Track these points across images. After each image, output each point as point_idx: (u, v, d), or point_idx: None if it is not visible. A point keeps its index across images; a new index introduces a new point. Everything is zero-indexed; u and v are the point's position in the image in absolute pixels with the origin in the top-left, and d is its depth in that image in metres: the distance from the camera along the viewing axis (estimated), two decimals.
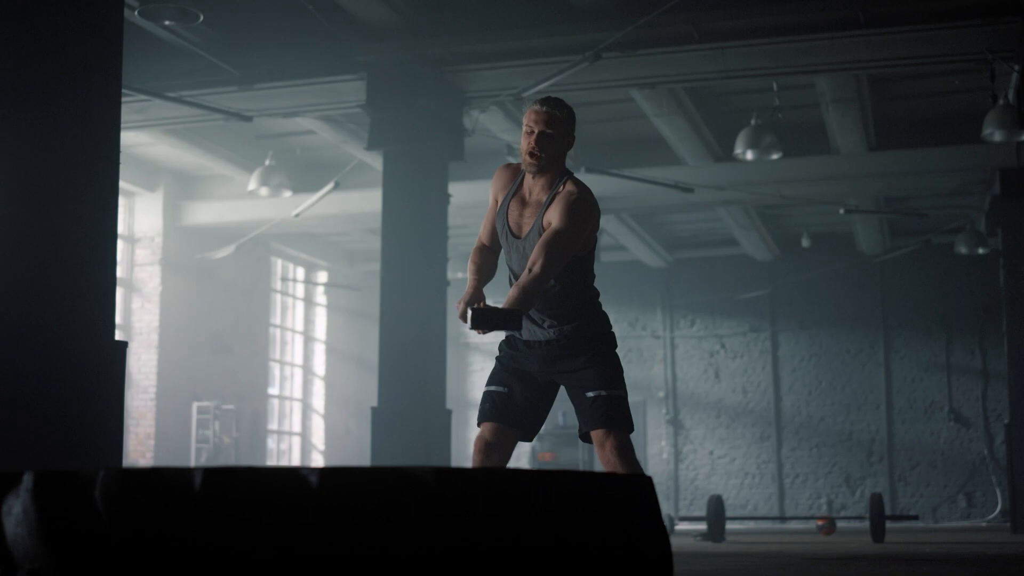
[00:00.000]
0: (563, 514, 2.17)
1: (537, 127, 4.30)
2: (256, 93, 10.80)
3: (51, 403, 5.44)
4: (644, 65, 10.17)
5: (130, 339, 15.11)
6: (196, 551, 2.07)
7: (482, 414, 4.45)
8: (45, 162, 5.70)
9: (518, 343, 4.48)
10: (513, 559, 2.10)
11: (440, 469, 2.10)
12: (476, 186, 13.26)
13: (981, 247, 15.59)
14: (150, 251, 15.26)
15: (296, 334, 18.65)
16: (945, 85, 12.17)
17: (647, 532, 2.45)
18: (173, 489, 2.14)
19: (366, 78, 10.53)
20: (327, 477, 2.12)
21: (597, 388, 4.30)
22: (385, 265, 10.70)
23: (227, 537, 2.07)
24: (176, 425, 15.19)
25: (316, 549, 2.06)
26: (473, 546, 2.05)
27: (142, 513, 2.13)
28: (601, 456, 4.27)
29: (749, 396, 19.06)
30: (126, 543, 2.13)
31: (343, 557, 2.06)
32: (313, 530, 2.07)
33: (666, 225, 17.90)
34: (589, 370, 4.33)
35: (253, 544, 2.07)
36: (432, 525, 2.06)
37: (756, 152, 11.81)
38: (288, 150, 14.04)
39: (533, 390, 4.44)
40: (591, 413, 4.29)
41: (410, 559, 2.03)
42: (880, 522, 10.40)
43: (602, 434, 4.27)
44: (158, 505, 2.13)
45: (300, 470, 2.16)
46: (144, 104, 11.13)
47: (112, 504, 2.14)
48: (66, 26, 5.79)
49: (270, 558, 2.06)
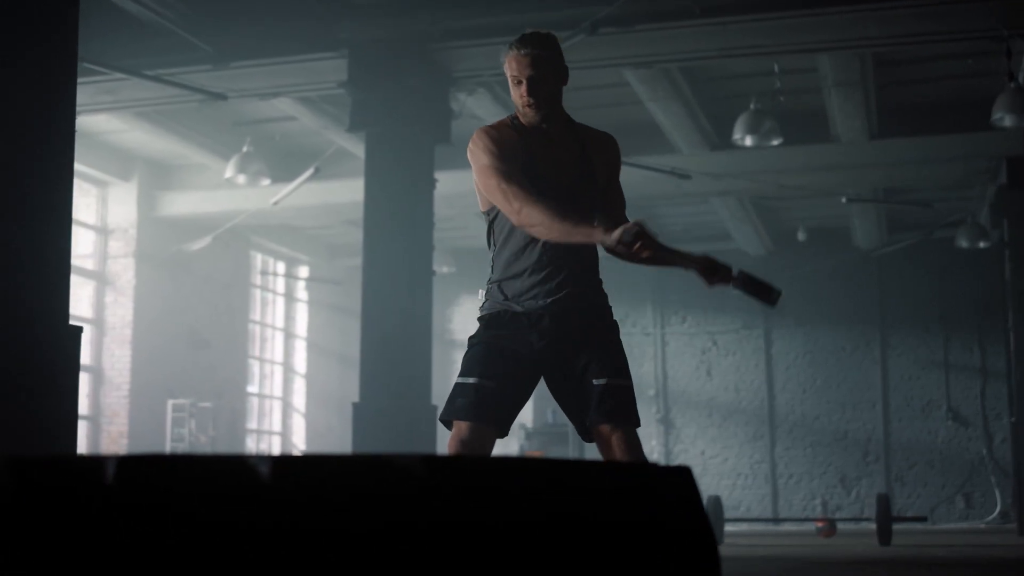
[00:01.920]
0: (597, 514, 1.66)
1: (524, 75, 3.81)
2: (231, 72, 10.27)
3: (1, 390, 5.08)
4: (640, 42, 9.66)
5: (103, 334, 14.63)
6: (100, 551, 1.57)
7: (458, 410, 3.78)
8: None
9: (508, 318, 3.85)
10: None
11: (430, 458, 1.59)
12: (463, 175, 12.74)
13: (983, 241, 15.13)
14: (124, 243, 14.77)
15: (276, 330, 18.20)
16: (952, 69, 11.72)
17: (693, 534, 1.96)
18: (81, 480, 1.65)
19: (347, 56, 10.01)
20: (283, 466, 1.61)
21: (604, 375, 3.75)
22: (367, 253, 10.17)
23: (142, 537, 1.56)
24: (150, 423, 14.70)
25: (264, 556, 1.55)
26: (484, 556, 1.55)
27: (40, 506, 1.64)
28: (606, 454, 3.73)
29: (742, 394, 18.60)
30: (21, 540, 1.64)
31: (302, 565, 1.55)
32: (262, 535, 1.56)
33: (657, 219, 17.42)
34: (596, 352, 3.78)
35: (180, 544, 1.57)
36: (424, 526, 1.55)
37: (755, 138, 11.33)
38: (267, 137, 13.51)
39: (521, 378, 3.82)
40: (597, 405, 3.73)
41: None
42: (887, 524, 9.92)
43: (609, 429, 3.72)
44: (61, 498, 1.64)
45: (248, 458, 1.65)
46: (114, 84, 10.61)
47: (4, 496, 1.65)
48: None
49: (195, 563, 1.55)
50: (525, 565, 1.59)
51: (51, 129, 5.60)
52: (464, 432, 3.77)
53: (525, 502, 1.58)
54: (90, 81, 10.39)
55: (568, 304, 3.83)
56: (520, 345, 3.81)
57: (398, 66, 9.94)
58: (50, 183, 5.59)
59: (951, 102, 12.49)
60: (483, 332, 3.89)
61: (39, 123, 5.52)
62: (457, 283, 18.50)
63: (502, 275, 3.90)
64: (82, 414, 14.41)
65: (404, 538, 1.59)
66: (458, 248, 18.19)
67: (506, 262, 3.90)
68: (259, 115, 12.97)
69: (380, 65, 9.96)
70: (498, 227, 3.93)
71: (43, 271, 5.43)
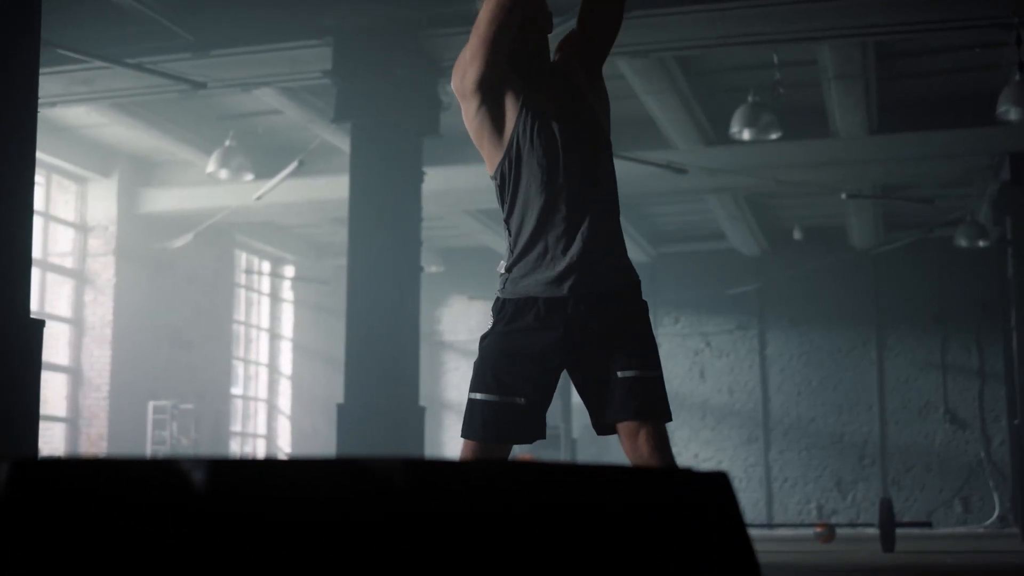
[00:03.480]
0: (631, 528, 1.33)
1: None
2: (212, 61, 9.89)
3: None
4: (636, 30, 9.29)
5: (82, 334, 14.27)
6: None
7: (481, 430, 3.37)
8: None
9: (520, 307, 3.41)
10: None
11: (411, 462, 1.25)
12: (452, 172, 12.42)
13: (982, 239, 14.82)
14: (104, 240, 14.41)
15: (261, 331, 17.84)
16: (954, 62, 11.40)
17: (733, 552, 1.63)
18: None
19: (332, 44, 9.64)
20: (222, 473, 1.27)
21: (631, 367, 3.33)
22: (353, 247, 9.81)
23: (34, 557, 1.23)
24: (130, 425, 14.34)
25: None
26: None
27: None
28: (631, 451, 3.32)
29: (736, 396, 18.28)
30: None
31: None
32: (192, 557, 1.23)
33: (650, 218, 17.12)
34: (622, 340, 3.37)
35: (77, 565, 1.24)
36: (406, 548, 1.23)
37: (754, 131, 11.00)
38: (251, 131, 13.14)
39: (538, 380, 3.39)
40: (624, 401, 3.32)
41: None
42: (890, 529, 9.59)
43: (636, 426, 3.32)
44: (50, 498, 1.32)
45: (180, 462, 1.31)
46: (91, 74, 10.25)
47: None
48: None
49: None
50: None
51: (11, 117, 5.35)
52: (479, 452, 3.37)
53: (534, 523, 1.23)
54: (65, 70, 10.04)
55: (590, 284, 3.40)
56: (535, 340, 3.38)
57: (385, 55, 9.57)
58: (10, 173, 5.35)
59: (953, 97, 12.18)
60: (494, 329, 3.45)
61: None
62: (446, 283, 18.17)
63: (514, 245, 3.47)
64: (60, 416, 14.05)
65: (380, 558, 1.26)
66: (447, 248, 17.84)
67: (517, 229, 3.46)
68: (243, 109, 12.62)
69: (366, 54, 9.60)
70: (507, 189, 3.49)
71: (1, 263, 5.17)
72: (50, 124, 12.93)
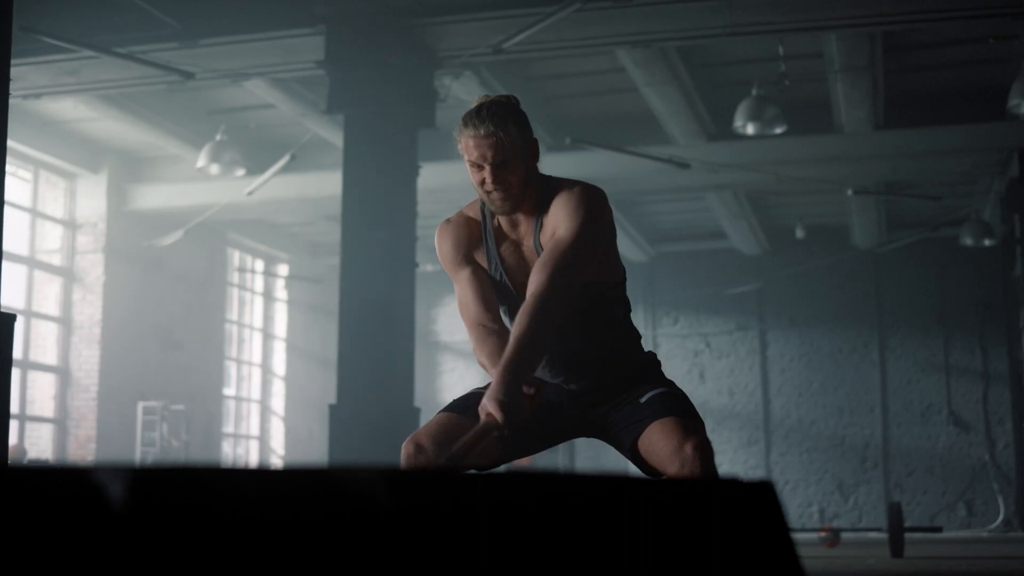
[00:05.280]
0: (672, 542, 1.08)
1: (487, 160, 3.07)
2: (201, 51, 9.62)
3: None
4: (638, 18, 9.03)
5: (71, 333, 13.98)
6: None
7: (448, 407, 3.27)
8: None
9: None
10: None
11: (395, 473, 1.01)
12: (448, 167, 12.13)
13: (987, 238, 14.56)
14: (93, 238, 14.12)
15: (254, 331, 17.55)
16: (963, 55, 11.13)
17: (779, 563, 1.39)
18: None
19: (324, 32, 9.37)
20: (150, 482, 1.02)
21: (651, 390, 3.14)
22: (346, 244, 9.52)
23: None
24: (120, 427, 14.05)
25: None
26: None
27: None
28: (651, 453, 3.02)
29: (736, 398, 18.01)
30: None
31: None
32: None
33: (649, 216, 16.84)
34: (635, 389, 3.18)
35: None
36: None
37: (758, 125, 10.72)
38: (242, 126, 12.86)
39: (559, 419, 3.26)
40: (647, 410, 3.08)
41: None
42: (899, 534, 9.31)
43: (659, 425, 3.03)
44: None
45: (98, 470, 1.06)
46: (77, 64, 9.97)
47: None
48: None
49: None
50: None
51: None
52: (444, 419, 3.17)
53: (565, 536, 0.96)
54: (52, 60, 9.78)
55: (592, 384, 3.26)
56: (553, 397, 3.24)
57: (379, 44, 9.29)
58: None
59: (961, 91, 11.92)
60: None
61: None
62: (442, 283, 17.89)
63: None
64: (48, 417, 13.77)
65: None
66: None
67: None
68: (234, 103, 12.34)
69: (359, 42, 9.32)
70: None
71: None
72: (38, 119, 12.66)
